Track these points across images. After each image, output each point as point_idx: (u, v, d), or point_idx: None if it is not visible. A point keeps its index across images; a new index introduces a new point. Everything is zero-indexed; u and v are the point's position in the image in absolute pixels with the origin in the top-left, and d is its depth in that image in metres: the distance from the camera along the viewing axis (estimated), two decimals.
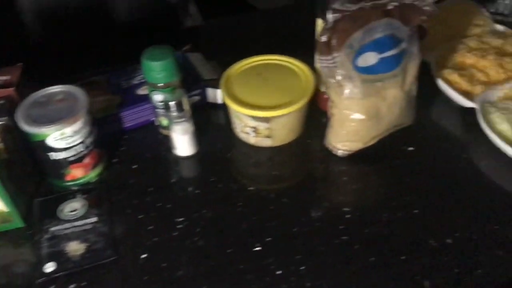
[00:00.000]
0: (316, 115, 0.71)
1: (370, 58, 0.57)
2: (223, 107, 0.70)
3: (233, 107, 0.65)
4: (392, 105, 0.61)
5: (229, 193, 0.63)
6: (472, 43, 0.78)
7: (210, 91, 0.74)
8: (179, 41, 0.91)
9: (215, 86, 0.72)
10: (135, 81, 0.74)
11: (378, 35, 0.57)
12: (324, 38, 0.54)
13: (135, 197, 0.63)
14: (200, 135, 0.69)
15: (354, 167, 0.66)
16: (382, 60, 0.58)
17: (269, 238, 0.57)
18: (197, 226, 0.59)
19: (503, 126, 0.65)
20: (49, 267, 0.54)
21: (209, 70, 0.77)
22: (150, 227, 0.59)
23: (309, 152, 0.69)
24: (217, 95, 0.74)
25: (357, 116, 0.61)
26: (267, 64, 0.71)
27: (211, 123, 0.74)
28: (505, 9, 0.98)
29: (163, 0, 1.07)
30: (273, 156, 0.68)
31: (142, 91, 0.72)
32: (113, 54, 0.86)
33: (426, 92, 0.75)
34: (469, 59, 0.75)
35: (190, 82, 0.74)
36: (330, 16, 0.53)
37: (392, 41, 0.58)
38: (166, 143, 0.69)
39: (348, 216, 0.59)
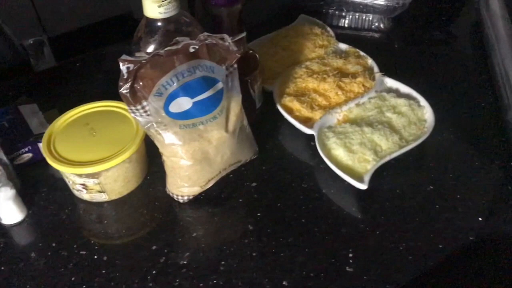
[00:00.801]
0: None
1: (183, 103, 0.54)
2: None
3: (53, 165, 0.60)
4: (219, 146, 0.59)
5: (58, 260, 0.57)
6: (315, 66, 0.78)
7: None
8: (21, 90, 0.85)
9: None
10: None
11: (188, 79, 0.53)
12: (124, 89, 0.51)
13: None
14: (33, 195, 0.64)
15: (196, 213, 0.63)
16: (196, 104, 0.55)
17: None
18: None
19: (339, 152, 0.64)
20: None
21: (43, 122, 0.71)
22: None
23: (150, 202, 0.64)
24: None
25: (184, 162, 0.58)
26: (97, 111, 0.67)
27: (46, 180, 0.68)
28: (356, 23, 1.00)
29: (12, 43, 1.00)
30: (110, 212, 0.63)
31: None
32: None
33: (272, 122, 0.74)
34: (311, 83, 0.75)
35: (19, 138, 0.68)
36: (122, 68, 0.49)
37: (205, 83, 0.55)
38: None
39: (184, 270, 0.56)
